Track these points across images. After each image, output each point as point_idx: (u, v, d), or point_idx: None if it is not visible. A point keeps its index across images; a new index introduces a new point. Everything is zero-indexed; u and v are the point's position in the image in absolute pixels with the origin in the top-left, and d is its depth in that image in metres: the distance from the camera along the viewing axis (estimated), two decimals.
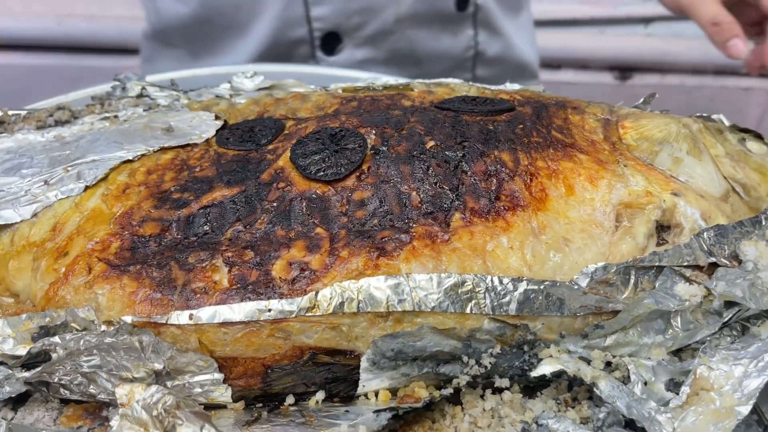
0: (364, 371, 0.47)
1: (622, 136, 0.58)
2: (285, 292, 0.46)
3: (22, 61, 2.20)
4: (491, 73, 1.20)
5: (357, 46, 1.07)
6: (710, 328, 0.49)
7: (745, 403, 0.43)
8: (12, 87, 2.18)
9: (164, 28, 1.11)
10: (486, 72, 1.19)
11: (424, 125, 0.57)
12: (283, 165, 0.55)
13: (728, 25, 0.89)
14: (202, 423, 0.41)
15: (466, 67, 1.17)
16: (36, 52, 2.19)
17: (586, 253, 0.49)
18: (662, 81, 2.19)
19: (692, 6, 0.92)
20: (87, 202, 0.54)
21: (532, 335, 0.47)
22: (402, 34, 1.07)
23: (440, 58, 1.13)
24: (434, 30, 1.10)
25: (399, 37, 1.07)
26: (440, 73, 1.09)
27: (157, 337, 0.45)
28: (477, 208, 0.50)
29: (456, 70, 1.16)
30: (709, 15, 0.90)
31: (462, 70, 1.17)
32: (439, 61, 1.14)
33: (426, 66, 1.13)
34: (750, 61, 0.92)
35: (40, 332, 0.47)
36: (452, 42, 1.12)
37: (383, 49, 1.08)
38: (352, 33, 1.05)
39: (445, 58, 1.14)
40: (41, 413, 0.47)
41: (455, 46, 1.13)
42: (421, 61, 1.12)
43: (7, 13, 2.13)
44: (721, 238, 0.49)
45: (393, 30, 1.06)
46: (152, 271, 0.48)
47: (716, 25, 0.90)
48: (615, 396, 0.45)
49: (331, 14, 1.02)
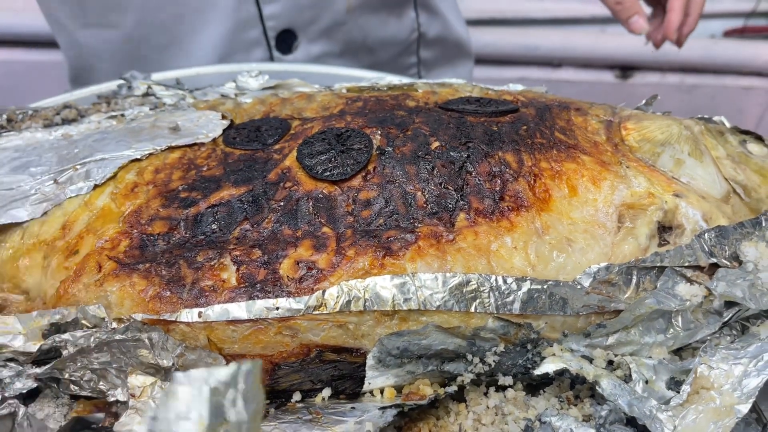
0: (370, 369, 0.47)
1: (625, 137, 0.59)
2: (292, 291, 0.47)
3: (23, 57, 2.20)
4: (434, 54, 1.22)
5: (312, 41, 1.05)
6: (710, 327, 0.49)
7: (745, 402, 0.43)
8: (13, 83, 2.19)
9: (87, 65, 1.05)
10: (429, 54, 1.22)
11: (429, 126, 0.57)
12: (290, 165, 0.55)
13: (630, 3, 1.00)
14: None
15: (412, 50, 1.19)
16: (38, 48, 2.20)
17: (588, 253, 0.50)
18: (663, 80, 2.20)
19: None
20: (96, 201, 0.54)
21: (535, 334, 0.48)
22: (354, 24, 1.07)
23: (389, 44, 1.14)
24: (382, 15, 1.10)
25: (351, 27, 1.07)
26: (390, 59, 1.15)
27: (166, 334, 0.46)
28: (481, 208, 0.51)
29: (403, 54, 1.18)
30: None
31: (408, 54, 1.19)
32: (389, 46, 1.15)
33: (378, 54, 1.14)
34: (653, 34, 1.04)
35: (50, 329, 0.48)
36: (398, 26, 1.14)
37: (338, 40, 1.07)
38: (306, 28, 1.04)
39: (394, 43, 1.15)
40: (51, 409, 0.48)
41: (401, 30, 1.15)
42: (374, 49, 1.13)
43: (8, 9, 2.13)
44: (721, 239, 0.50)
45: (345, 20, 1.06)
46: (161, 270, 0.49)
47: (619, 4, 1.00)
48: (617, 394, 0.46)
49: (283, 11, 1.00)
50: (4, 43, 2.18)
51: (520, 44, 2.20)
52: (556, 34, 2.19)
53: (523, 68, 2.22)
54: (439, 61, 1.25)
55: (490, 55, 2.19)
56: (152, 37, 0.99)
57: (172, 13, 0.96)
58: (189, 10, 0.97)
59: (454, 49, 1.25)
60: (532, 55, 2.21)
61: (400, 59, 1.18)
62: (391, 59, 1.17)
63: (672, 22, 1.00)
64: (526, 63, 2.23)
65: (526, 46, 2.20)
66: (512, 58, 2.23)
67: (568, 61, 2.24)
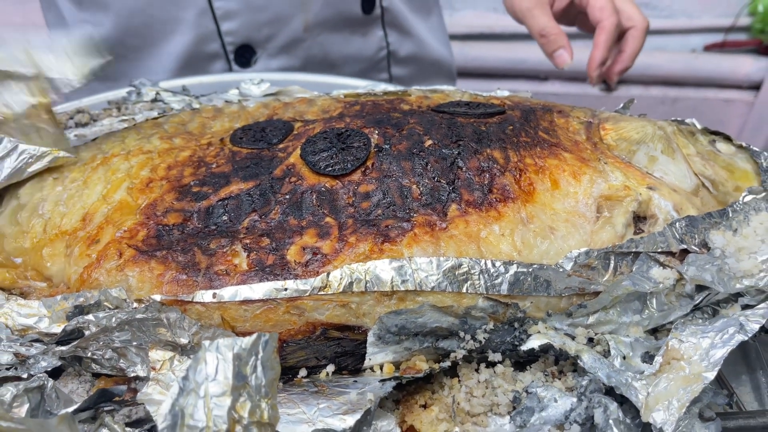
0: (371, 345, 0.51)
1: (603, 137, 0.64)
2: (299, 274, 0.51)
3: None
4: (407, 72, 1.24)
5: (271, 56, 1.10)
6: (683, 309, 0.54)
7: (711, 370, 0.47)
8: None
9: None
10: (402, 71, 1.24)
11: (423, 126, 0.62)
12: (294, 161, 0.60)
13: (554, 36, 0.95)
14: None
15: (382, 67, 1.22)
16: None
17: (570, 240, 0.54)
18: (646, 92, 2.27)
19: (525, 18, 0.98)
20: (114, 195, 0.58)
21: (521, 313, 0.52)
22: (314, 41, 1.10)
23: (354, 60, 1.17)
24: (344, 34, 1.13)
25: (311, 44, 1.11)
26: (357, 74, 1.16)
27: (183, 314, 0.50)
28: (471, 199, 0.55)
29: (372, 70, 1.21)
30: (538, 27, 0.96)
31: (378, 70, 1.22)
32: (354, 62, 1.18)
33: (341, 69, 1.17)
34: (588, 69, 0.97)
35: (74, 311, 0.51)
36: (363, 44, 1.16)
37: (297, 56, 1.11)
38: (264, 44, 1.08)
39: (359, 59, 1.18)
40: (75, 385, 0.52)
41: (367, 48, 1.17)
42: (336, 64, 1.16)
43: (6, 24, 2.17)
44: (691, 228, 0.55)
45: (304, 38, 1.09)
46: (177, 256, 0.53)
47: (544, 37, 0.96)
48: (596, 367, 0.50)
49: (240, 28, 1.05)
50: None
51: (508, 58, 2.27)
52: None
53: (511, 81, 2.29)
54: (415, 79, 1.26)
55: (480, 69, 2.26)
56: (127, 39, 1.04)
57: (142, 21, 1.02)
58: (156, 21, 1.03)
59: (431, 68, 1.28)
60: (519, 69, 2.27)
61: (369, 74, 1.21)
62: (358, 74, 1.19)
63: (594, 59, 0.93)
64: (514, 76, 2.30)
65: (513, 60, 2.27)
66: (500, 72, 2.29)
67: (555, 75, 2.31)
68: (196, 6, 1.01)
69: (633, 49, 0.96)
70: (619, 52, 0.97)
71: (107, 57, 0.66)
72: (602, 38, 0.93)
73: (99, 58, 0.63)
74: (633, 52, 0.96)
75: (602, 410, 0.47)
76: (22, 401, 0.48)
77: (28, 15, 2.23)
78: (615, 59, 0.97)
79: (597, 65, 0.94)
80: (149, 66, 1.06)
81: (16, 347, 0.51)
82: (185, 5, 1.01)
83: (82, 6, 1.03)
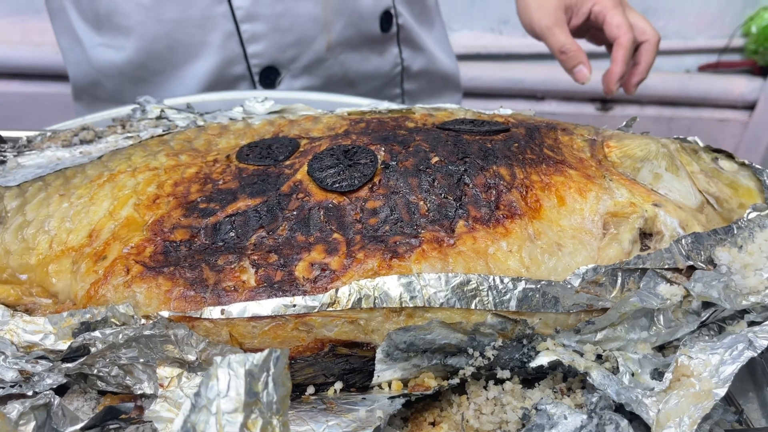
0: (379, 362, 0.51)
1: (607, 154, 0.64)
2: (308, 290, 0.51)
3: (20, 89, 2.25)
4: (418, 86, 1.27)
5: (294, 76, 1.12)
6: (690, 326, 0.54)
7: (722, 386, 0.48)
8: (9, 113, 2.22)
9: (94, 80, 1.12)
10: (413, 86, 1.27)
11: (429, 143, 0.62)
12: (301, 178, 0.60)
13: (574, 53, 0.99)
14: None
15: (395, 83, 1.24)
16: (34, 80, 2.24)
17: (577, 256, 0.55)
18: (641, 112, 2.29)
19: (545, 36, 1.01)
20: (121, 211, 0.58)
21: (530, 330, 0.52)
22: (335, 60, 1.13)
23: (371, 77, 1.20)
24: (364, 52, 1.16)
25: (332, 63, 1.13)
26: (372, 91, 1.20)
27: (191, 330, 0.50)
28: (479, 216, 0.56)
29: (386, 86, 1.23)
30: (558, 44, 0.99)
31: (392, 86, 1.24)
32: (371, 80, 1.20)
33: (359, 86, 1.19)
34: (603, 82, 1.01)
35: (81, 327, 0.51)
36: (380, 61, 1.19)
37: (319, 76, 1.13)
38: (288, 65, 1.10)
39: (376, 77, 1.21)
40: (80, 402, 0.51)
41: (383, 65, 1.20)
42: (354, 82, 1.19)
43: (6, 42, 2.19)
44: (697, 244, 0.55)
45: (326, 57, 1.12)
46: (185, 272, 0.52)
47: (564, 54, 1.00)
48: (606, 384, 0.50)
49: (266, 50, 1.07)
50: (1, 75, 2.23)
51: (505, 78, 2.29)
52: (540, 68, 2.28)
53: (508, 101, 2.31)
54: (425, 93, 1.30)
55: (477, 89, 2.28)
56: (150, 63, 1.06)
57: (166, 45, 1.04)
58: (180, 45, 1.04)
59: (439, 82, 1.31)
60: (516, 89, 2.29)
61: (383, 90, 1.24)
62: (373, 90, 1.22)
63: (613, 74, 0.98)
64: (511, 96, 2.32)
65: (510, 79, 2.29)
66: (497, 91, 2.31)
67: (551, 94, 2.33)
68: (223, 30, 1.02)
69: (647, 62, 1.00)
70: (635, 65, 1.00)
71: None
72: (620, 54, 0.97)
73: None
74: (647, 64, 1.00)
75: (614, 427, 0.47)
76: (29, 419, 0.47)
77: (27, 34, 2.25)
78: (631, 72, 1.01)
79: (617, 80, 0.98)
80: (171, 89, 1.08)
81: (21, 364, 0.50)
82: (211, 29, 1.02)
83: (101, 30, 1.04)
